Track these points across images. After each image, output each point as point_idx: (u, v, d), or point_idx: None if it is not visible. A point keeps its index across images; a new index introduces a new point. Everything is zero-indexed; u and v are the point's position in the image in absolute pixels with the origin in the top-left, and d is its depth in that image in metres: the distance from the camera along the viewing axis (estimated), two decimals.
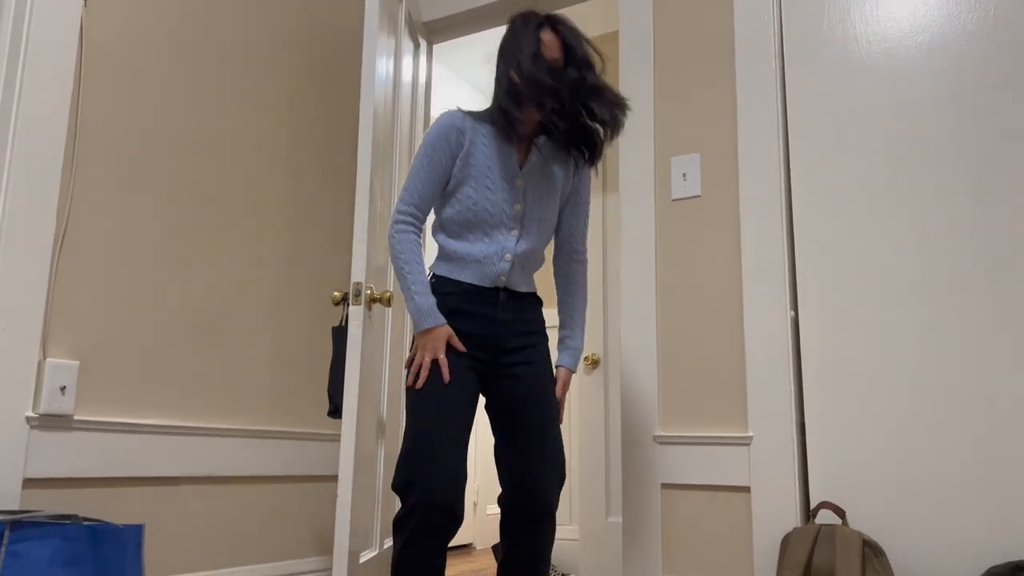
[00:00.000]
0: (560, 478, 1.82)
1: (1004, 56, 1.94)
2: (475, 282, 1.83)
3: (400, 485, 1.70)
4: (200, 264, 2.30)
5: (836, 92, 2.14)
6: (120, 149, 2.10)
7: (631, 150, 2.39)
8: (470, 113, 1.89)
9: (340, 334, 2.12)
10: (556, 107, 1.80)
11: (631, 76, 2.43)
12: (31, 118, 1.87)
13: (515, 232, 1.85)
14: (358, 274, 2.08)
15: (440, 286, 1.85)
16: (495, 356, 1.84)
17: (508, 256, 1.84)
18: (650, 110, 2.38)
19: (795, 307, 2.13)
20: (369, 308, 2.12)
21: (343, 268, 2.84)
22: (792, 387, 2.06)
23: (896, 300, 1.98)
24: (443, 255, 1.89)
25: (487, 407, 1.88)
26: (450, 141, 1.85)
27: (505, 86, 1.83)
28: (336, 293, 2.13)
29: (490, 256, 1.83)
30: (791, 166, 2.17)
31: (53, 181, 1.90)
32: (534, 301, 1.93)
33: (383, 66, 2.32)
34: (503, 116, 1.83)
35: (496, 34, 3.98)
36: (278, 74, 2.63)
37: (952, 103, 1.99)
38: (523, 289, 1.89)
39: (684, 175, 2.31)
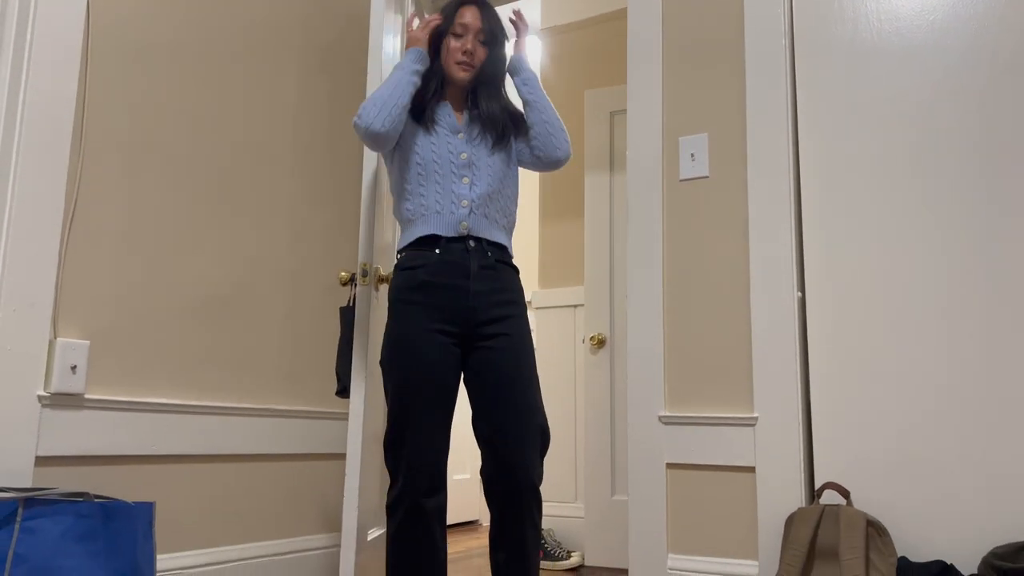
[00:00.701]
0: (543, 446, 1.84)
1: (1016, 35, 1.92)
2: (439, 232, 1.86)
3: (390, 470, 1.81)
4: (209, 243, 2.31)
5: (846, 71, 2.12)
6: (128, 128, 2.10)
7: (639, 130, 2.37)
8: None
9: (348, 314, 2.13)
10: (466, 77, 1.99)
11: (639, 54, 2.41)
12: (39, 98, 1.87)
13: (466, 180, 1.92)
14: (365, 254, 2.09)
15: (409, 260, 1.88)
16: (470, 328, 1.85)
17: (464, 203, 1.90)
18: (658, 89, 2.36)
19: (802, 288, 2.13)
20: (376, 288, 2.13)
21: (351, 247, 2.85)
22: (798, 368, 2.06)
23: (904, 281, 1.98)
24: (406, 221, 1.93)
25: (464, 378, 1.89)
26: None
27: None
28: (343, 273, 2.14)
29: (446, 205, 1.89)
30: (800, 145, 2.16)
31: (62, 161, 1.91)
32: (509, 269, 1.94)
33: (390, 43, 2.31)
34: (429, 77, 2.00)
35: (502, 11, 3.95)
36: (285, 53, 2.61)
37: (963, 82, 1.97)
38: (492, 238, 1.91)
39: (692, 155, 2.29)
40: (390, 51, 2.31)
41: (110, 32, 2.07)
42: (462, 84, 2.00)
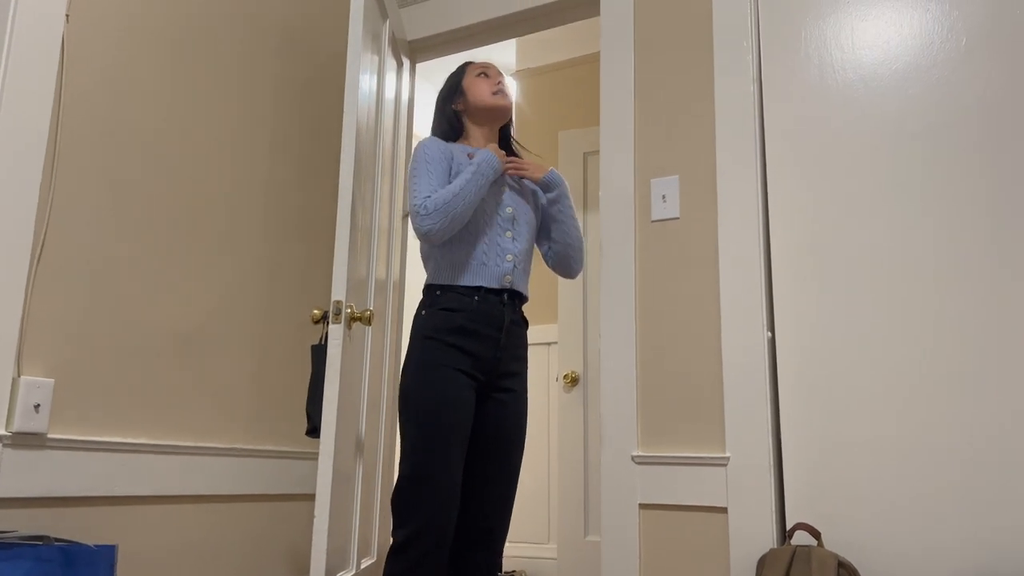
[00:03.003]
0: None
1: (975, 84, 1.99)
2: (485, 283, 1.92)
3: (408, 507, 1.78)
4: (179, 280, 2.29)
5: (813, 117, 2.17)
6: (99, 164, 2.09)
7: (611, 171, 2.41)
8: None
9: (319, 353, 2.11)
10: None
11: (611, 98, 2.46)
12: (10, 133, 1.85)
13: (509, 234, 1.99)
14: (338, 292, 2.08)
15: (446, 302, 1.91)
16: (491, 378, 1.94)
17: (510, 257, 1.97)
18: (630, 132, 2.41)
19: (772, 328, 2.15)
20: (349, 327, 2.12)
21: (324, 283, 2.83)
22: (769, 408, 2.07)
23: (872, 323, 2.01)
24: (447, 264, 1.95)
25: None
26: (442, 151, 2.01)
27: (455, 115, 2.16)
28: (316, 311, 2.13)
29: (492, 257, 1.95)
30: (768, 189, 2.20)
31: (31, 196, 1.89)
32: (525, 324, 2.05)
33: (366, 83, 2.33)
34: (463, 135, 2.12)
35: (480, 54, 4.01)
36: (261, 89, 2.63)
37: (925, 129, 2.03)
38: (523, 291, 2.00)
39: (663, 197, 2.33)
40: (366, 90, 2.33)
41: (85, 68, 2.07)
42: (504, 113, 2.09)
